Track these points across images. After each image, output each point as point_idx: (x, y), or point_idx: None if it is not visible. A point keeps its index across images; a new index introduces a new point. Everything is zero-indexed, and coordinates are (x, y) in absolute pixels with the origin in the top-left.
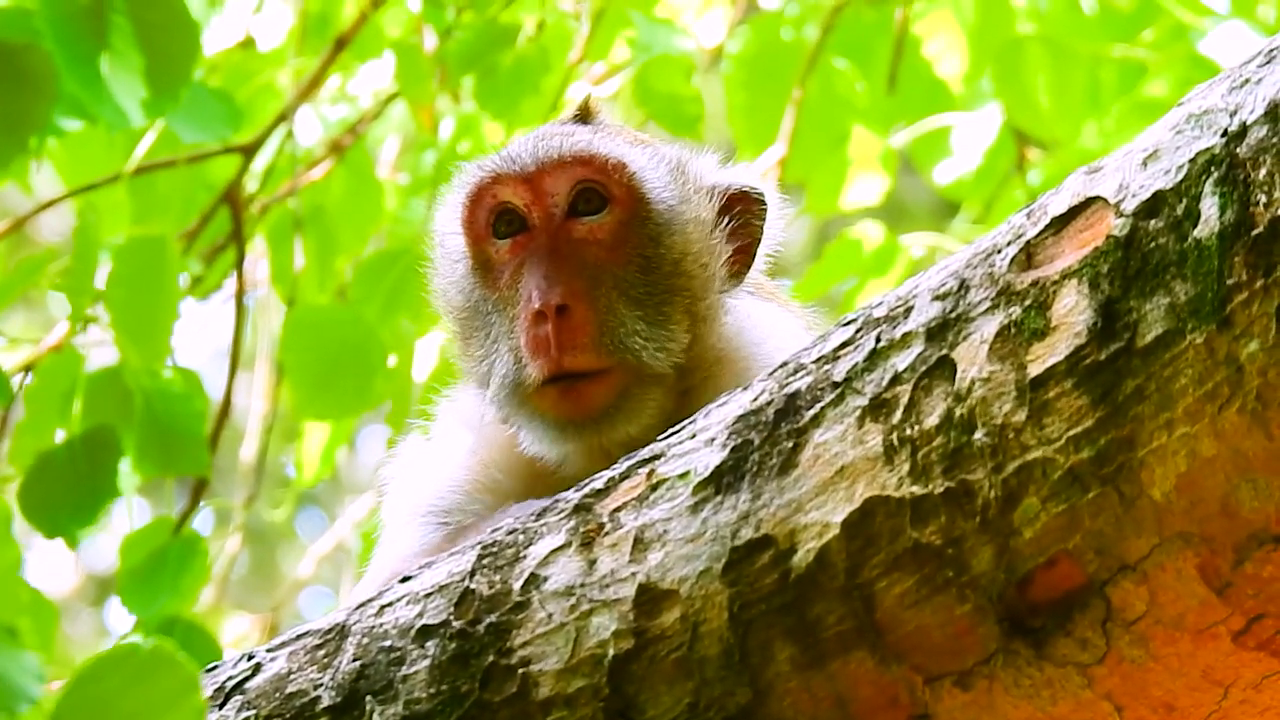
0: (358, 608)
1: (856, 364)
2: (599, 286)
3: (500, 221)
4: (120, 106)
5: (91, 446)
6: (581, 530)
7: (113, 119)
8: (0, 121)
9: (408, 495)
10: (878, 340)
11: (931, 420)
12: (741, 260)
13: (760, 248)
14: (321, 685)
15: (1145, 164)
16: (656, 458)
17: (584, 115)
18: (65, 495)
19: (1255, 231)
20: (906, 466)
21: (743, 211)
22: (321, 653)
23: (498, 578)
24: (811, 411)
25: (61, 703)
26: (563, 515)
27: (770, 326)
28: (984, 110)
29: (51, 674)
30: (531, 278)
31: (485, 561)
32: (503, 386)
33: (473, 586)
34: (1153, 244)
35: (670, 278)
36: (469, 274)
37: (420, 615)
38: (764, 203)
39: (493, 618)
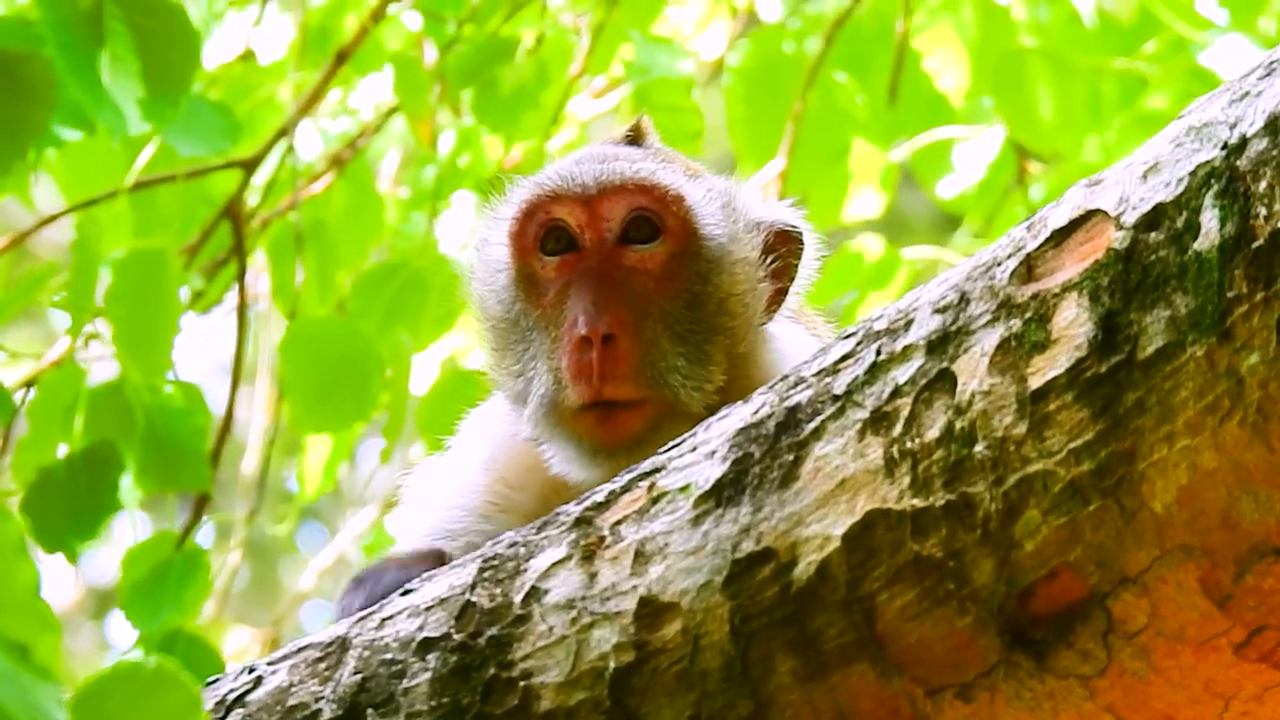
0: (358, 621)
1: (857, 377)
2: (645, 318)
3: (549, 238)
4: (120, 110)
5: (93, 461)
6: (582, 543)
7: (113, 123)
8: (0, 129)
9: (420, 517)
10: (878, 353)
11: (932, 433)
12: (776, 299)
13: (795, 286)
14: (323, 698)
15: (1145, 177)
16: (657, 471)
17: (636, 137)
18: (67, 510)
19: (1256, 244)
20: (907, 479)
21: (783, 251)
22: (323, 665)
23: (498, 590)
24: (812, 424)
25: None
26: (564, 528)
27: (800, 357)
28: (986, 125)
29: None
30: (579, 301)
31: (486, 574)
32: (540, 406)
33: (473, 599)
34: (1153, 257)
35: (715, 316)
36: (510, 286)
37: (421, 628)
38: (802, 241)
39: (494, 630)
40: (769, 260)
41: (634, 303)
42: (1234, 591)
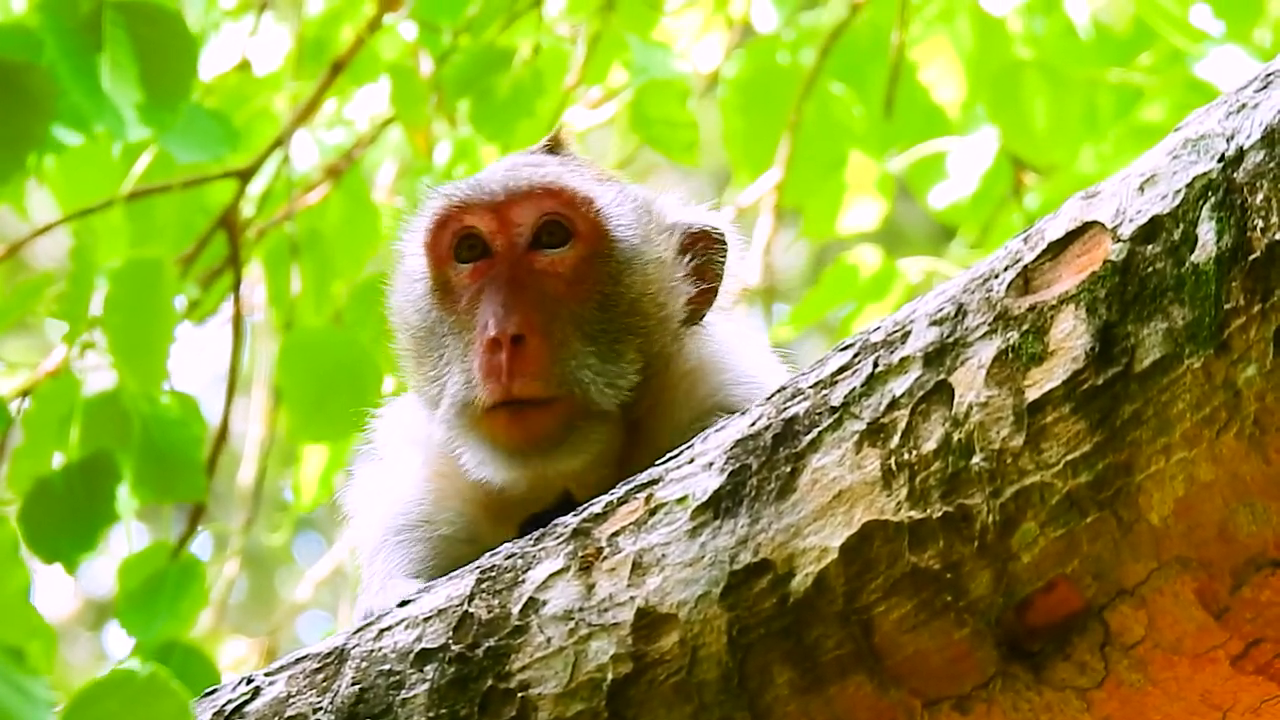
0: (356, 632)
1: (854, 389)
2: (555, 320)
3: (463, 246)
4: (120, 115)
5: (89, 471)
6: (580, 555)
7: (112, 128)
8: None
9: (378, 518)
10: (875, 365)
11: (929, 445)
12: (702, 300)
13: (721, 288)
14: (321, 709)
15: (1142, 189)
16: (654, 482)
17: (554, 146)
18: (63, 520)
19: (1253, 256)
20: (904, 491)
21: (705, 250)
22: (320, 677)
23: (496, 602)
24: (809, 436)
25: None
26: (561, 540)
27: (725, 359)
28: (980, 135)
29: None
30: (489, 305)
31: (484, 586)
32: (452, 407)
33: (471, 611)
34: (1150, 269)
35: (626, 316)
36: (428, 294)
37: (419, 639)
38: (725, 243)
39: (491, 642)
40: (688, 261)
41: (545, 305)
42: (1231, 604)
